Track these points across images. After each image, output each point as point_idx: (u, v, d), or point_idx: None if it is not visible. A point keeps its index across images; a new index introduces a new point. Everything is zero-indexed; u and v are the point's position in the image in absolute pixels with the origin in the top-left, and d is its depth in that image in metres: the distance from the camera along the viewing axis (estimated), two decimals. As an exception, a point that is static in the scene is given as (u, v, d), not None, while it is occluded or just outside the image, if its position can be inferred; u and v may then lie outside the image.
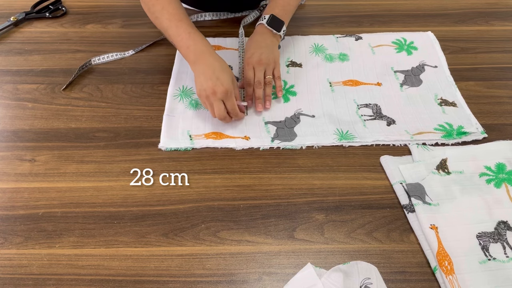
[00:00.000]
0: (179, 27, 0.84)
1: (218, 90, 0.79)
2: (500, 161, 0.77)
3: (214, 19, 1.12)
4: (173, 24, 0.85)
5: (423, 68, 0.98)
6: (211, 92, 0.80)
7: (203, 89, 0.81)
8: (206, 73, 0.81)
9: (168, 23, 0.85)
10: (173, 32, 0.85)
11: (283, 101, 0.91)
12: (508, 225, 0.69)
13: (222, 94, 0.80)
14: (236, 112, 0.83)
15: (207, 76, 0.81)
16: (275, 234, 0.69)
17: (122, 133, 0.84)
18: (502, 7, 1.18)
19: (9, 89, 0.94)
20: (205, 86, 0.80)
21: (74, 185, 0.76)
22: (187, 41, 0.84)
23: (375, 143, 0.82)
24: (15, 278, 0.64)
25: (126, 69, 0.99)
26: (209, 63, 0.82)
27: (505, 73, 0.98)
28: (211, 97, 0.80)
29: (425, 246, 0.67)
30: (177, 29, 0.85)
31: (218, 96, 0.80)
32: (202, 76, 0.81)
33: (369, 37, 1.06)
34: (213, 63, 0.82)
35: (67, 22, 1.13)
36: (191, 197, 0.74)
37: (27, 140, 0.83)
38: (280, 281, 0.64)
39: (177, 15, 0.85)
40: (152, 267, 0.65)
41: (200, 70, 0.82)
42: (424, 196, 0.72)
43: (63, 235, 0.69)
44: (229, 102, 0.81)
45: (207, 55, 0.83)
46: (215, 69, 0.81)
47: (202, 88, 0.81)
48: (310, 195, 0.74)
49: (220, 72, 0.81)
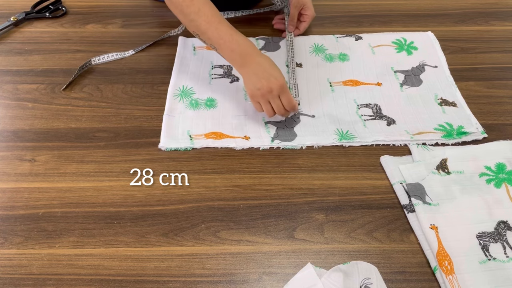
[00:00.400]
0: (219, 29, 0.81)
1: (274, 87, 0.79)
2: (500, 161, 0.77)
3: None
4: (213, 27, 0.81)
5: (423, 68, 0.98)
6: (267, 90, 0.79)
7: (257, 89, 0.80)
8: (257, 72, 0.80)
9: (207, 25, 0.82)
10: (213, 34, 0.82)
11: (283, 101, 0.91)
12: (508, 225, 0.69)
13: (279, 90, 0.79)
14: (293, 104, 0.82)
15: (260, 75, 0.79)
16: (275, 234, 0.69)
17: (122, 133, 0.84)
18: (502, 7, 1.18)
19: (9, 89, 0.94)
20: (259, 85, 0.79)
21: (74, 185, 0.76)
22: (230, 44, 0.81)
23: (375, 143, 0.82)
24: (15, 278, 0.64)
25: (126, 69, 0.99)
26: (258, 62, 0.81)
27: (505, 73, 0.98)
28: (268, 95, 0.80)
29: (425, 246, 0.67)
30: (217, 31, 0.81)
31: (275, 93, 0.79)
32: (254, 76, 0.80)
33: (369, 37, 1.06)
34: (262, 62, 0.81)
35: (67, 22, 1.13)
36: (191, 197, 0.74)
37: (27, 140, 0.83)
38: (280, 281, 0.64)
39: (214, 16, 0.82)
40: (152, 267, 0.65)
41: (251, 71, 0.81)
42: (424, 196, 0.72)
43: (63, 235, 0.69)
44: (285, 96, 0.80)
45: (254, 55, 0.81)
46: (266, 67, 0.80)
47: (255, 88, 0.80)
48: (310, 195, 0.74)
49: (271, 69, 0.80)
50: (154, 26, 1.11)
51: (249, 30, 1.09)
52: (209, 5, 0.83)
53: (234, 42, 0.81)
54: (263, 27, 1.10)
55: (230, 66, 0.98)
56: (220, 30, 0.81)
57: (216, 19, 0.82)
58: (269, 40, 1.05)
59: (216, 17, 0.82)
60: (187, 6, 0.82)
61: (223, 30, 0.81)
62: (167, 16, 1.14)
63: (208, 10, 0.82)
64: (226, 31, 0.81)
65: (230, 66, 0.98)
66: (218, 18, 0.82)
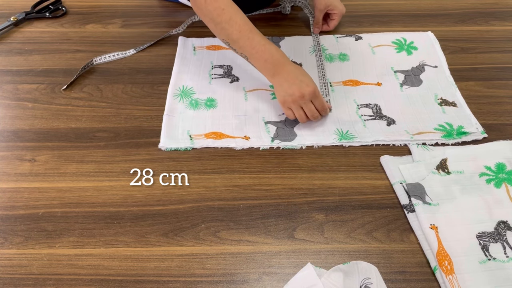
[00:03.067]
0: (252, 39, 0.82)
1: (305, 92, 0.80)
2: (500, 161, 0.77)
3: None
4: (245, 36, 0.82)
5: (423, 68, 0.98)
6: (299, 96, 0.80)
7: (288, 95, 0.81)
8: (288, 79, 0.81)
9: (239, 34, 0.82)
10: (245, 44, 0.82)
11: (283, 101, 0.91)
12: (508, 225, 0.69)
13: (311, 95, 0.81)
14: (325, 108, 0.84)
15: (291, 81, 0.81)
16: (275, 234, 0.69)
17: (122, 133, 0.84)
18: (502, 7, 1.18)
19: (9, 89, 0.94)
20: (290, 91, 0.81)
21: (74, 185, 0.76)
22: (263, 54, 0.82)
23: (375, 143, 0.82)
24: (15, 278, 0.64)
25: (126, 69, 0.99)
26: (289, 70, 0.82)
27: (505, 73, 0.98)
28: (299, 101, 0.81)
29: (425, 246, 0.67)
30: (250, 41, 0.82)
31: (307, 98, 0.81)
32: (286, 83, 0.81)
33: (369, 37, 1.06)
34: (293, 70, 0.82)
35: (67, 22, 1.13)
36: (191, 197, 0.74)
37: (27, 140, 0.83)
38: (280, 281, 0.64)
39: (246, 25, 0.82)
40: (152, 267, 0.65)
41: (282, 79, 0.82)
42: (424, 196, 0.72)
43: (63, 235, 0.69)
44: (317, 101, 0.82)
45: (286, 64, 0.83)
46: (297, 74, 0.82)
47: (287, 94, 0.81)
48: (310, 195, 0.74)
49: (303, 76, 0.82)
50: (154, 26, 1.11)
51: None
52: (241, 14, 0.83)
53: (267, 52, 0.82)
54: (263, 27, 1.10)
55: (230, 66, 0.98)
56: (253, 40, 0.82)
57: (247, 28, 0.82)
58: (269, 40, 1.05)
59: (248, 26, 0.83)
60: (218, 15, 0.82)
61: (256, 40, 0.82)
62: (167, 16, 1.14)
63: (240, 19, 0.82)
64: (258, 41, 0.82)
65: (230, 66, 0.98)
66: (249, 27, 0.83)
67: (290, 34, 1.07)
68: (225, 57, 1.01)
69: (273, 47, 0.83)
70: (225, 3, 0.81)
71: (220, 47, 1.03)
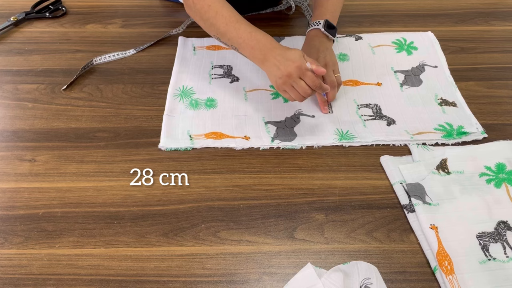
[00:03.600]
0: (238, 28, 0.81)
1: (291, 70, 0.76)
2: (500, 161, 0.77)
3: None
4: (231, 27, 0.82)
5: (423, 68, 0.98)
6: (287, 75, 0.77)
7: (278, 78, 0.78)
8: (276, 63, 0.78)
9: (225, 27, 0.82)
10: (232, 35, 0.82)
11: (283, 101, 0.91)
12: (508, 225, 0.69)
13: (297, 71, 0.77)
14: (318, 83, 0.78)
15: (277, 64, 0.78)
16: (275, 234, 0.69)
17: (122, 133, 0.84)
18: (502, 7, 1.18)
19: (9, 89, 0.94)
20: (279, 74, 0.78)
21: (74, 185, 0.76)
22: (249, 42, 0.81)
23: (375, 143, 0.82)
24: (15, 278, 0.64)
25: (126, 69, 0.99)
26: (276, 54, 0.79)
27: (505, 73, 0.98)
28: (289, 81, 0.78)
29: (425, 246, 0.67)
30: (236, 31, 0.81)
31: (294, 75, 0.77)
32: (274, 68, 0.78)
33: (369, 37, 1.06)
34: (281, 52, 0.78)
35: (67, 22, 1.13)
36: (191, 197, 0.74)
37: (27, 140, 0.83)
38: (280, 281, 0.64)
39: (232, 17, 0.82)
40: (152, 267, 0.65)
41: (271, 64, 0.79)
42: (424, 196, 0.72)
43: (63, 235, 0.69)
44: (307, 77, 0.78)
45: (273, 48, 0.80)
46: (284, 54, 0.78)
47: (277, 77, 0.78)
48: (310, 195, 0.74)
49: (289, 54, 0.78)
50: (154, 26, 1.11)
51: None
52: (227, 7, 0.83)
53: (253, 39, 0.80)
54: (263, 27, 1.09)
55: (229, 66, 0.98)
56: (239, 30, 0.81)
57: (234, 19, 0.82)
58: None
59: (234, 18, 0.82)
60: (205, 12, 0.83)
61: (242, 29, 0.81)
62: (167, 16, 1.14)
63: (226, 12, 0.82)
64: (244, 29, 0.81)
65: (230, 66, 0.98)
66: (236, 18, 0.82)
67: (290, 34, 1.07)
68: (225, 57, 1.01)
69: (259, 33, 0.81)
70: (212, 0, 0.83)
71: (220, 47, 1.03)
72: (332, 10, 0.95)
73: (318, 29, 0.91)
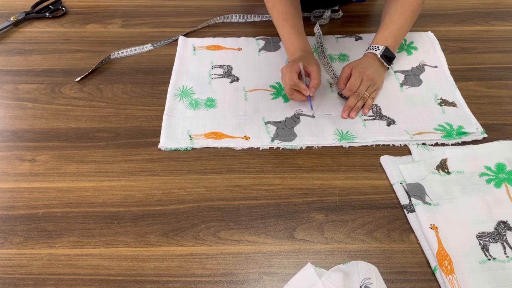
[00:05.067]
0: (283, 26, 0.91)
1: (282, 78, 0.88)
2: (500, 161, 0.77)
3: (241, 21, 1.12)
4: (279, 24, 0.92)
5: (423, 68, 0.98)
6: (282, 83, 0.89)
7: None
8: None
9: (276, 21, 0.93)
10: (278, 31, 0.93)
11: (283, 101, 0.91)
12: (508, 225, 0.69)
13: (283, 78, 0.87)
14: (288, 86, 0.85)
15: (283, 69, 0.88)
16: (275, 234, 0.69)
17: (122, 133, 0.84)
18: (502, 7, 1.18)
19: (9, 89, 0.94)
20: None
21: (74, 185, 0.76)
22: (287, 43, 0.92)
23: (375, 143, 0.82)
24: (15, 278, 0.64)
25: (126, 69, 0.99)
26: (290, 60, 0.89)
27: (505, 73, 0.98)
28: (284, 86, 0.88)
29: (425, 246, 0.67)
30: (281, 29, 0.92)
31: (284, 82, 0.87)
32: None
33: (369, 37, 1.06)
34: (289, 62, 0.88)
35: (67, 22, 1.13)
36: (191, 197, 0.74)
37: (27, 140, 0.83)
38: (280, 281, 0.64)
39: (284, 14, 0.91)
40: (152, 267, 0.65)
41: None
42: (424, 196, 0.72)
43: (63, 235, 0.69)
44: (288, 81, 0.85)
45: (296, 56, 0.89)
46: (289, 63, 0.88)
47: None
48: (310, 195, 0.74)
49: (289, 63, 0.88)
50: (154, 26, 1.11)
51: (249, 30, 1.09)
52: (284, 2, 0.91)
53: (289, 42, 0.91)
54: (263, 27, 1.10)
55: (229, 66, 0.98)
56: (283, 28, 0.91)
57: (283, 17, 0.91)
58: (269, 40, 1.05)
59: (284, 15, 0.91)
60: (266, 2, 0.94)
61: (285, 28, 0.91)
62: (167, 16, 1.14)
63: (281, 7, 0.91)
64: (287, 30, 0.91)
65: (230, 66, 0.98)
66: (285, 16, 0.91)
67: (290, 34, 1.07)
68: (225, 57, 1.01)
69: (296, 37, 0.90)
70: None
71: (220, 47, 1.03)
72: (397, 35, 0.92)
73: (375, 55, 0.91)
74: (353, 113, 0.87)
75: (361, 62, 0.90)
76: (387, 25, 0.92)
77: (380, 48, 0.90)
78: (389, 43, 0.91)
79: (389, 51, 0.91)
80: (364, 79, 0.88)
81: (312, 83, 0.85)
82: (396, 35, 0.92)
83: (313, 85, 0.85)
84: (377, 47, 0.91)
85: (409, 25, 0.93)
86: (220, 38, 1.06)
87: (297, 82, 0.84)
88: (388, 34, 0.92)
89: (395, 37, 0.92)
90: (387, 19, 0.93)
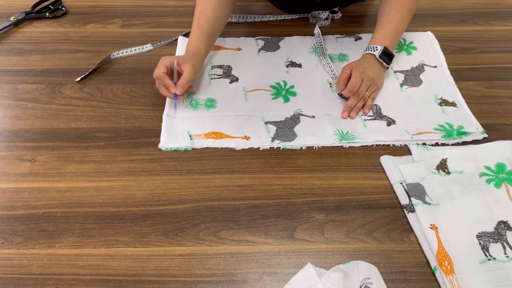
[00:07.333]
0: (193, 25, 0.91)
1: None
2: (500, 161, 0.77)
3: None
4: (193, 21, 0.92)
5: (422, 68, 0.98)
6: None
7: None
8: None
9: (194, 17, 0.92)
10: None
11: (283, 101, 0.91)
12: (508, 225, 0.69)
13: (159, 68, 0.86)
14: (159, 76, 0.85)
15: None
16: (275, 234, 0.69)
17: (122, 133, 0.84)
18: (502, 7, 1.18)
19: (9, 89, 0.94)
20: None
21: (74, 185, 0.76)
22: (188, 41, 0.91)
23: (375, 143, 0.82)
24: (15, 278, 0.64)
25: (126, 69, 0.99)
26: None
27: (505, 73, 0.98)
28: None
29: (425, 246, 0.67)
30: (192, 27, 0.91)
31: (154, 73, 0.86)
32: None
33: (368, 37, 1.05)
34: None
35: (67, 22, 1.13)
36: (191, 197, 0.74)
37: (27, 140, 0.83)
38: (280, 281, 0.64)
39: (200, 13, 0.90)
40: (152, 267, 0.65)
41: None
42: (424, 196, 0.72)
43: (63, 235, 0.69)
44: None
45: (184, 55, 0.89)
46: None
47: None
48: (310, 195, 0.74)
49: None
50: (154, 26, 1.11)
51: (249, 30, 1.09)
52: (213, 6, 0.90)
53: (189, 41, 0.91)
54: (263, 27, 1.10)
55: (229, 66, 0.98)
56: (192, 27, 0.91)
57: (198, 16, 0.90)
58: (268, 40, 1.05)
59: (201, 14, 0.90)
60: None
61: (193, 28, 0.91)
62: (167, 16, 1.14)
63: (203, 8, 0.90)
64: (193, 30, 0.91)
65: (230, 66, 0.98)
66: (201, 15, 0.90)
67: (290, 34, 1.07)
68: (225, 58, 1.01)
69: (193, 39, 0.90)
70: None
71: (220, 47, 1.03)
72: (394, 34, 0.92)
73: (374, 55, 0.90)
74: (353, 113, 0.87)
75: (361, 62, 0.90)
76: (384, 24, 0.92)
77: (379, 48, 0.90)
78: (387, 42, 0.91)
79: (387, 51, 0.91)
80: (364, 79, 0.87)
81: (180, 81, 0.85)
82: (393, 34, 0.92)
83: (180, 84, 0.85)
84: (375, 47, 0.91)
85: (406, 23, 0.93)
86: (219, 38, 1.06)
87: (162, 76, 0.84)
88: (385, 34, 0.92)
89: (393, 36, 0.92)
90: (383, 19, 0.93)
